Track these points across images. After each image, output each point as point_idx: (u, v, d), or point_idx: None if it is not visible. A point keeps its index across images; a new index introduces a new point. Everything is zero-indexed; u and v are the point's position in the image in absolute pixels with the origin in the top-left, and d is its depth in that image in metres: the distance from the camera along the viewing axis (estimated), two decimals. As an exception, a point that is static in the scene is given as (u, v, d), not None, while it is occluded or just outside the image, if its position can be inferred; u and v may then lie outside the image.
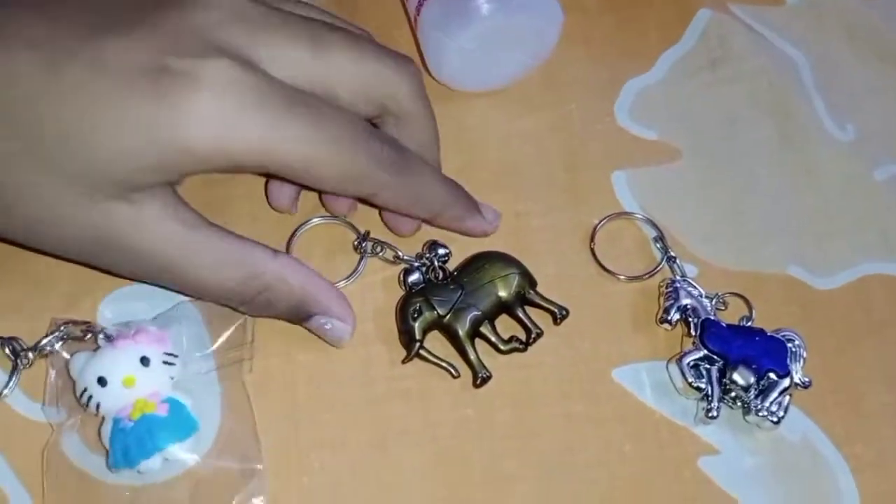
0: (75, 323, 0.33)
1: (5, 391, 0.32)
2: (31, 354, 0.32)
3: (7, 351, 0.32)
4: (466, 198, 0.35)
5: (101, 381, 0.31)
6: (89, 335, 0.33)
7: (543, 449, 0.33)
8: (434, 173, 0.34)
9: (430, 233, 0.36)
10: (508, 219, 0.37)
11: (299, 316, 0.32)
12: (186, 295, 0.32)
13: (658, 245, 0.37)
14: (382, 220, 0.36)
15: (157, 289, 0.33)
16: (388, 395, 0.33)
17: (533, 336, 0.34)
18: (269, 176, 0.35)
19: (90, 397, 0.31)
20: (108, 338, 0.32)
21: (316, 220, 0.37)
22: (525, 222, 0.37)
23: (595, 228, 0.37)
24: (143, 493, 0.31)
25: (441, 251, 0.35)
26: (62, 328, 0.32)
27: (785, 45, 0.43)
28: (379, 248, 0.36)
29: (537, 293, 0.35)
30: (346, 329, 0.33)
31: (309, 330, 0.33)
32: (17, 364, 0.32)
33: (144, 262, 0.30)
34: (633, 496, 0.32)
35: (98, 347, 0.32)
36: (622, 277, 0.36)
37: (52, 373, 0.32)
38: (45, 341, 0.32)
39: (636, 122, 0.40)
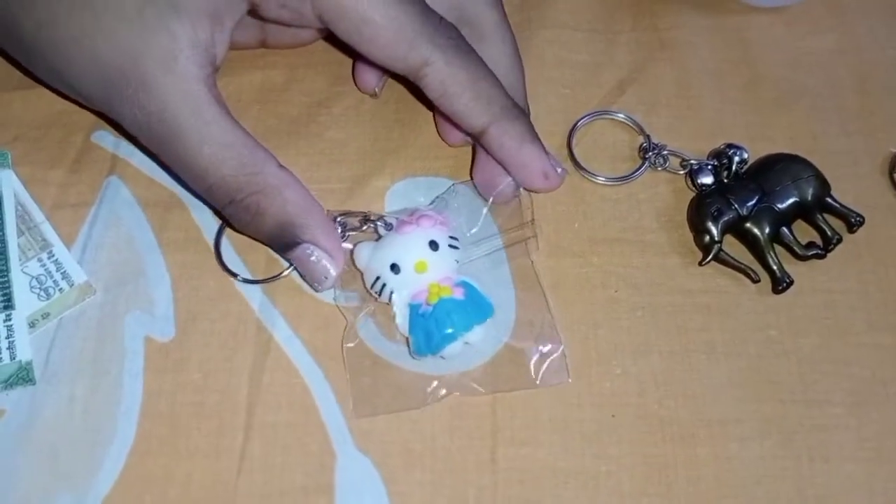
0: (352, 213, 0.32)
1: (285, 272, 0.32)
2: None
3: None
4: (528, 123, 0.31)
5: (394, 268, 0.30)
6: (367, 225, 0.32)
7: (854, 377, 0.30)
8: (494, 78, 0.30)
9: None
10: (805, 140, 0.35)
11: (285, 238, 0.30)
12: (178, 174, 0.30)
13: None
14: (437, 130, 0.34)
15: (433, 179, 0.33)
16: (686, 306, 0.31)
17: (833, 242, 0.32)
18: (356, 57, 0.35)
19: (383, 285, 0.30)
20: (388, 226, 0.31)
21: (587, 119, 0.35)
22: (822, 144, 0.35)
23: (895, 157, 0.35)
24: (445, 379, 0.30)
25: (740, 152, 0.33)
26: (338, 219, 0.32)
27: None
28: (662, 160, 0.34)
29: (833, 198, 0.33)
30: (330, 267, 0.30)
31: (290, 263, 0.31)
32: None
33: (155, 112, 0.28)
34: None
35: (379, 237, 0.31)
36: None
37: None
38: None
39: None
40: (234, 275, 0.32)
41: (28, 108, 0.35)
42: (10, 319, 0.30)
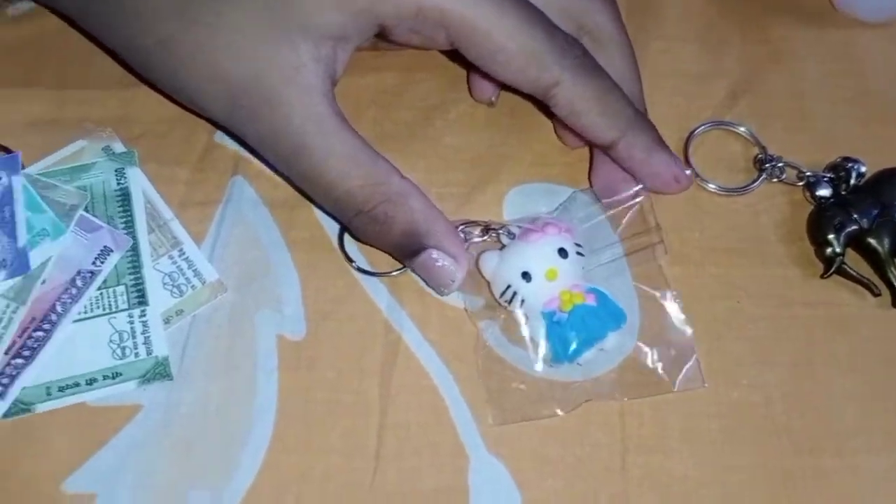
0: (473, 223, 0.32)
1: (401, 270, 0.32)
2: None
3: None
4: (655, 131, 0.32)
5: (526, 276, 0.30)
6: (489, 234, 0.32)
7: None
8: (619, 91, 0.31)
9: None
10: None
11: (411, 245, 0.30)
12: (302, 187, 0.31)
13: None
14: (557, 133, 0.35)
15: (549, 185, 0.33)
16: (809, 318, 0.32)
17: None
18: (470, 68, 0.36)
19: (514, 293, 0.30)
20: (511, 235, 0.32)
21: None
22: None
23: None
24: (577, 386, 0.30)
25: (857, 166, 0.33)
26: (461, 228, 0.32)
27: None
28: (779, 172, 0.34)
29: None
30: (456, 271, 0.30)
31: (414, 271, 0.31)
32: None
33: (280, 126, 0.29)
34: None
35: (502, 246, 0.32)
36: None
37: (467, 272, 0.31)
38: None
39: None
40: (351, 260, 0.32)
41: (151, 105, 0.35)
42: (144, 315, 0.31)
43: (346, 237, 0.32)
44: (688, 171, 0.32)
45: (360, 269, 0.32)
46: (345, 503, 0.28)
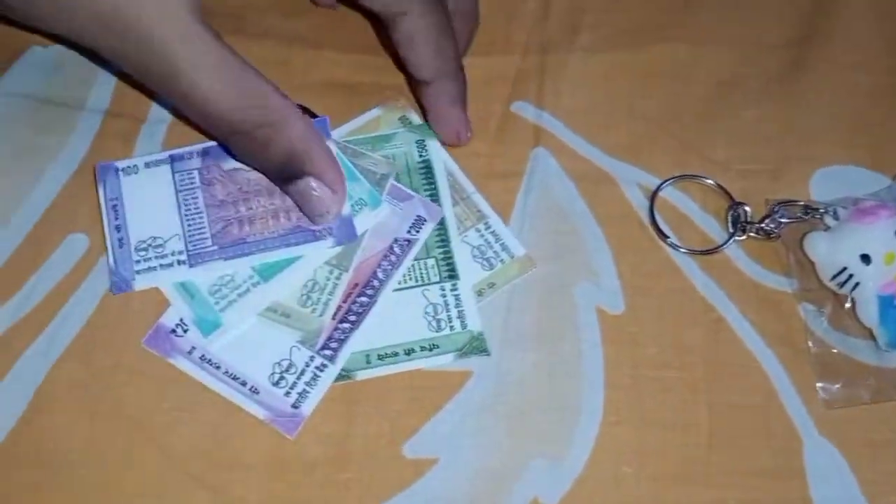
0: (793, 203, 0.32)
1: (723, 246, 0.32)
2: (747, 228, 0.32)
3: (730, 215, 0.32)
4: (465, 84, 0.33)
5: (865, 259, 0.29)
6: (810, 214, 0.31)
7: None
8: (452, 34, 0.32)
9: None
10: None
11: (291, 170, 0.29)
12: (182, 110, 0.30)
13: None
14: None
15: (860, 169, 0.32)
16: None
17: None
18: None
19: (850, 276, 0.29)
20: (835, 216, 0.31)
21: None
22: None
23: None
24: None
25: None
26: (777, 208, 0.31)
27: None
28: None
29: None
30: (333, 202, 0.30)
31: (291, 197, 0.30)
32: (734, 232, 0.32)
33: (144, 48, 0.27)
34: None
35: (826, 227, 0.31)
36: None
37: (788, 252, 0.31)
38: (765, 223, 0.31)
39: None
40: (665, 236, 0.32)
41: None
42: (456, 289, 0.31)
43: (658, 212, 0.32)
44: (469, 134, 0.33)
45: (674, 246, 0.32)
46: (683, 479, 0.28)
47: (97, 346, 0.30)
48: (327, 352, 0.30)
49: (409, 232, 0.32)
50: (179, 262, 0.31)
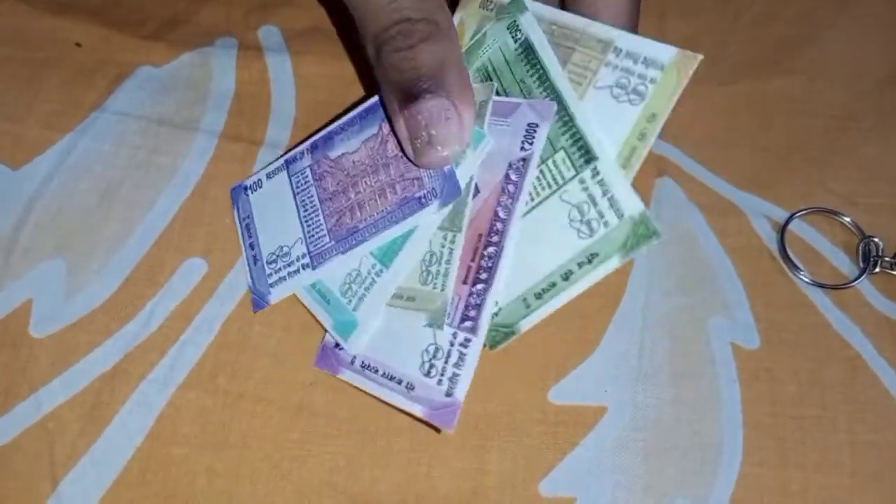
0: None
1: (855, 282, 0.31)
2: (879, 262, 0.31)
3: (862, 246, 0.32)
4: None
5: None
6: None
7: None
8: None
9: None
10: None
11: (431, 84, 0.26)
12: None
13: None
14: None
15: None
16: None
17: None
18: None
19: None
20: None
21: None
22: None
23: None
24: None
25: None
26: None
27: None
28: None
29: None
30: (461, 132, 0.26)
31: (409, 125, 0.27)
32: (866, 266, 0.31)
33: None
34: None
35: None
36: None
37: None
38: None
39: None
40: (798, 269, 0.31)
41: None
42: (597, 173, 0.26)
43: (787, 244, 0.32)
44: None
45: (810, 281, 0.31)
46: (829, 521, 0.27)
47: (219, 374, 0.30)
48: (468, 323, 0.27)
49: (522, 149, 0.27)
50: (304, 267, 0.30)
